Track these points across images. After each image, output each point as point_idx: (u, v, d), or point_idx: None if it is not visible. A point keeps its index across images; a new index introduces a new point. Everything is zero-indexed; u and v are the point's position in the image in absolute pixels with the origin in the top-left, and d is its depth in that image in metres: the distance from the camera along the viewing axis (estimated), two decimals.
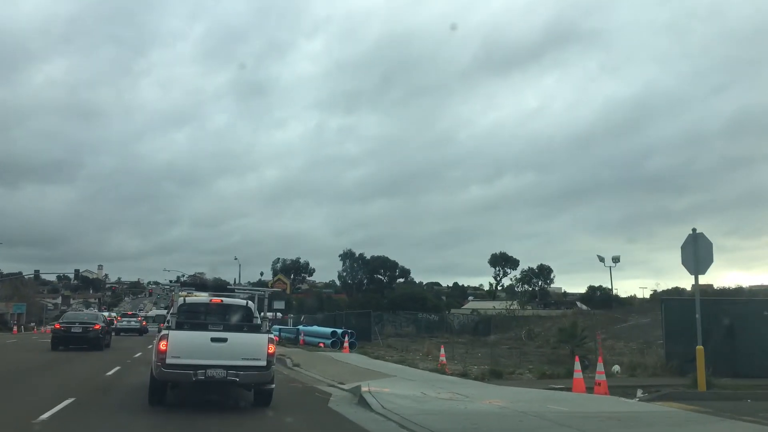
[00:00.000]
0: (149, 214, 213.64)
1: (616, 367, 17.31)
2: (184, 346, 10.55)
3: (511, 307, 62.99)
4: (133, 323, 50.69)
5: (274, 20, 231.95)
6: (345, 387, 14.96)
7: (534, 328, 39.35)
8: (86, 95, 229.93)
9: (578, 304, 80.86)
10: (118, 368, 18.35)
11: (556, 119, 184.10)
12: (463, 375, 16.51)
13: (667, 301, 20.76)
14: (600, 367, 13.19)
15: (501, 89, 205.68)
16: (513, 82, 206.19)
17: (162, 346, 10.48)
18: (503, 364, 22.42)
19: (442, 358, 18.41)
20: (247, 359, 10.64)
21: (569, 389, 13.59)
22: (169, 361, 10.39)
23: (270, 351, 10.87)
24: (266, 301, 12.46)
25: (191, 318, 11.99)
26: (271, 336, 11.41)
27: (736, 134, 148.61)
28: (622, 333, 35.21)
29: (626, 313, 45.69)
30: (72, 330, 26.63)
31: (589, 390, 13.17)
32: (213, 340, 10.60)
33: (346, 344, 27.16)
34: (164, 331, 10.97)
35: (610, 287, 72.97)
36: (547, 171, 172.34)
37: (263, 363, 10.74)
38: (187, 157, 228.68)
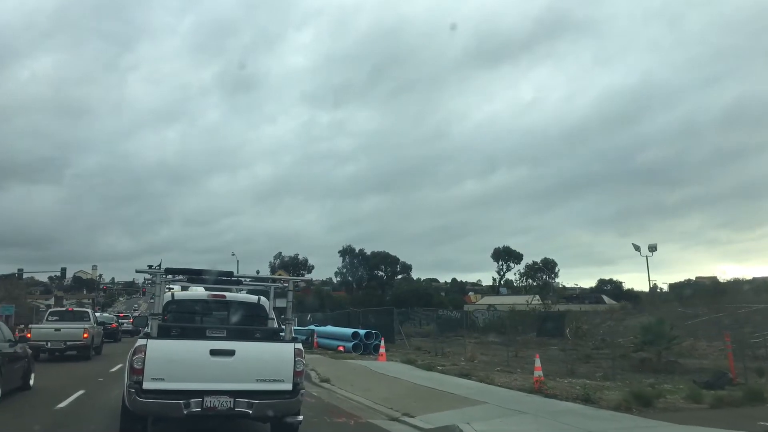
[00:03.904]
0: (141, 213, 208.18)
1: None
2: (171, 362, 7.27)
3: (534, 302, 58.40)
4: (125, 325, 51.63)
5: (265, 13, 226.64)
6: (422, 425, 9.77)
7: (582, 325, 34.18)
8: (73, 92, 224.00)
9: (603, 297, 75.92)
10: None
11: (550, 112, 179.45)
12: (586, 400, 11.26)
13: None
14: None
15: (494, 82, 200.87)
16: (506, 75, 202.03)
17: (137, 363, 7.12)
18: (581, 374, 17.46)
19: (538, 372, 12.97)
20: (265, 381, 7.54)
21: None
22: (147, 385, 7.10)
23: (299, 368, 7.70)
24: (291, 295, 8.55)
25: (181, 321, 8.65)
26: (299, 346, 7.92)
27: (730, 125, 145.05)
28: (691, 330, 30.14)
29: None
30: None
31: None
32: (214, 353, 7.39)
33: (382, 350, 21.82)
34: (140, 341, 7.40)
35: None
36: (541, 165, 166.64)
37: (288, 386, 7.61)
38: (178, 155, 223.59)
